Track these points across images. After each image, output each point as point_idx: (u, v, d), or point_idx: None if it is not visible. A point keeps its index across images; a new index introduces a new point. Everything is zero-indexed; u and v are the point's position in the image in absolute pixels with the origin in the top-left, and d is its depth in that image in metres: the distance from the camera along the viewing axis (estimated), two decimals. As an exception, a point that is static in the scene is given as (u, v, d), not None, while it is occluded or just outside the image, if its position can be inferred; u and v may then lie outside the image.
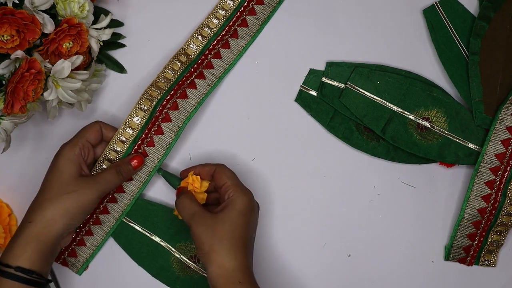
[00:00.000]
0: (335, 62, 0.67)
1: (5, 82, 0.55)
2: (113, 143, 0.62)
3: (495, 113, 0.66)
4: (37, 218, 0.55)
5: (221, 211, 0.56)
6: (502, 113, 0.66)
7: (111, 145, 0.62)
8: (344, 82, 0.67)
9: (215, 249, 0.54)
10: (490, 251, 0.66)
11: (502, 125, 0.66)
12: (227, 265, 0.54)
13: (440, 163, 0.67)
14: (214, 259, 0.54)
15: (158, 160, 0.64)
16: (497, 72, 0.67)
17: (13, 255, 0.53)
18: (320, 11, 0.69)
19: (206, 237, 0.55)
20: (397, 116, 0.66)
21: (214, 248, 0.54)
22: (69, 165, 0.57)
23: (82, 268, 0.65)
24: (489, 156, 0.66)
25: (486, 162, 0.66)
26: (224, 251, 0.54)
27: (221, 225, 0.55)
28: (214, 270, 0.54)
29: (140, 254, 0.65)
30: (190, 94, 0.65)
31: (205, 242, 0.55)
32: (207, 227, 0.55)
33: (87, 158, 0.60)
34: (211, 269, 0.54)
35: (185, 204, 0.58)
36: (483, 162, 0.66)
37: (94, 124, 0.61)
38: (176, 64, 0.66)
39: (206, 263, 0.55)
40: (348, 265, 0.63)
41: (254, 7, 0.68)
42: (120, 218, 0.65)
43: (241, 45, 0.67)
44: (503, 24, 0.68)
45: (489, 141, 0.66)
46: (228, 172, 0.59)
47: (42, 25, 0.56)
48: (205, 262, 0.55)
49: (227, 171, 0.59)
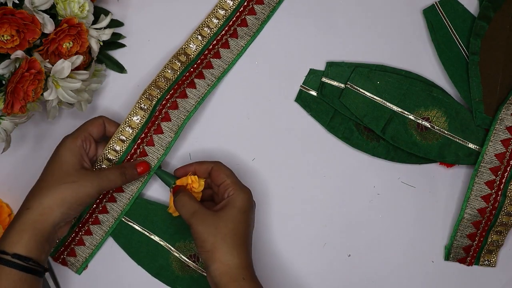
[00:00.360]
0: (335, 62, 0.67)
1: (5, 82, 0.55)
2: (113, 142, 0.62)
3: (495, 113, 0.66)
4: (34, 205, 0.55)
5: (221, 209, 0.57)
6: (502, 113, 0.66)
7: (111, 144, 0.62)
8: (344, 82, 0.67)
9: (218, 247, 0.54)
10: (490, 251, 0.66)
11: (502, 125, 0.66)
12: (230, 263, 0.54)
13: (440, 163, 0.67)
14: (217, 257, 0.54)
15: (158, 160, 0.64)
16: (497, 72, 0.67)
17: (10, 242, 0.53)
18: (320, 11, 0.69)
19: (209, 235, 0.55)
20: (397, 116, 0.66)
21: (217, 246, 0.54)
22: (70, 156, 0.57)
23: (82, 268, 0.65)
24: (489, 156, 0.65)
25: (486, 162, 0.66)
26: (227, 249, 0.54)
27: (223, 223, 0.55)
28: (217, 268, 0.54)
29: (139, 254, 0.65)
30: (190, 93, 0.65)
31: (207, 240, 0.55)
32: (209, 225, 0.55)
33: (89, 151, 0.60)
34: (214, 267, 0.54)
35: (184, 202, 0.58)
36: (483, 162, 0.66)
37: (98, 119, 0.61)
38: (175, 63, 0.66)
39: (208, 261, 0.55)
40: (348, 265, 0.63)
41: (254, 6, 0.68)
42: (119, 217, 0.65)
43: (241, 45, 0.67)
44: (503, 24, 0.68)
45: (489, 141, 0.66)
46: (226, 170, 0.59)
47: (42, 25, 0.56)
48: (207, 260, 0.55)
49: (225, 169, 0.59)
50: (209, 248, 0.55)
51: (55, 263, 0.64)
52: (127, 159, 0.63)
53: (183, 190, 0.60)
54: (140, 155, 0.64)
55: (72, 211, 0.56)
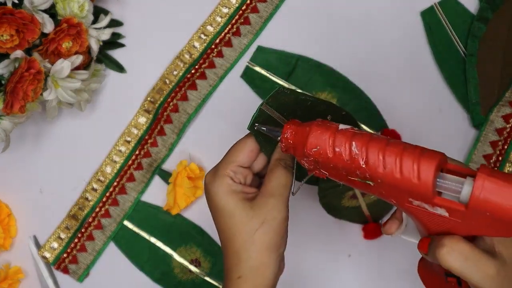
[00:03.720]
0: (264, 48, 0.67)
1: (5, 82, 0.55)
2: (119, 143, 0.64)
3: (486, 114, 0.66)
4: (245, 272, 0.44)
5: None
6: (493, 115, 0.66)
7: (117, 145, 0.64)
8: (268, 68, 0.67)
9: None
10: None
11: (492, 127, 0.66)
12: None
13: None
14: None
15: (161, 160, 0.65)
16: (495, 73, 0.67)
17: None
18: (318, 14, 0.69)
19: None
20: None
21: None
22: (231, 201, 0.45)
23: (83, 275, 0.65)
24: (477, 157, 0.66)
25: (474, 162, 0.66)
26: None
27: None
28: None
29: (141, 259, 0.65)
30: (191, 95, 0.65)
31: None
32: None
33: (246, 180, 0.47)
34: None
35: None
36: (471, 162, 0.66)
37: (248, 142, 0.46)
38: (178, 65, 0.66)
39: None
40: (348, 265, 0.63)
41: (257, 4, 0.67)
42: (121, 221, 0.65)
43: (244, 43, 0.67)
44: (501, 25, 0.68)
45: (478, 142, 0.66)
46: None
47: (42, 25, 0.55)
48: None
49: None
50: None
51: (56, 271, 0.64)
52: (131, 159, 0.64)
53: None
54: (144, 156, 0.64)
55: (282, 248, 0.46)
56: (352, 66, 0.68)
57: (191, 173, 0.63)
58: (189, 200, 0.63)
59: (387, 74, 0.68)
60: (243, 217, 0.44)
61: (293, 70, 0.67)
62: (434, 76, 0.68)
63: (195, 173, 0.63)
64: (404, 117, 0.68)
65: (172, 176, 0.63)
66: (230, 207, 0.44)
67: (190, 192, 0.63)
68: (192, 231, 0.65)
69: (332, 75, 0.67)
